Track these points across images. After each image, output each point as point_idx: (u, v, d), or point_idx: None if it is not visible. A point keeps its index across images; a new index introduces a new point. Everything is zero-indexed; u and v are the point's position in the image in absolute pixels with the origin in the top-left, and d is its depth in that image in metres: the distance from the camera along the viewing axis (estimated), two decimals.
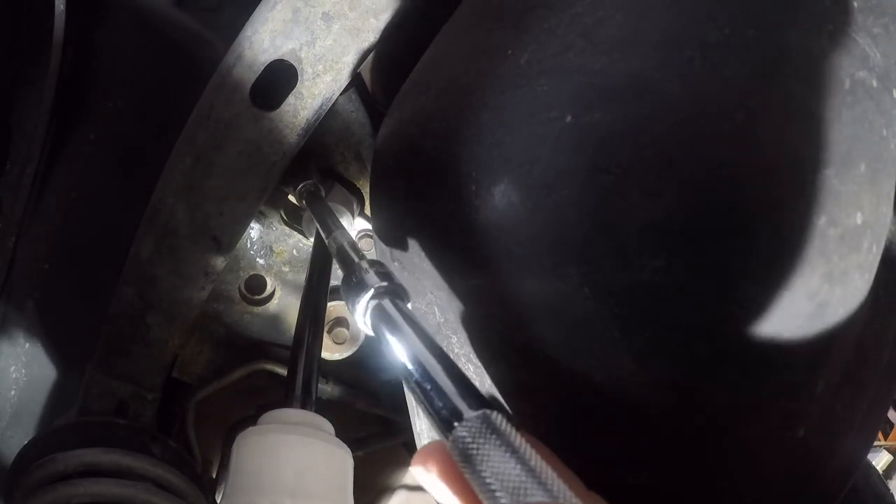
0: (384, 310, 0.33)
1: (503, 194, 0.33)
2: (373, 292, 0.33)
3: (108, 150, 0.56)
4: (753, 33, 0.30)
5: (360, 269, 0.35)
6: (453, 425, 0.24)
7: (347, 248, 0.40)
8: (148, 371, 0.55)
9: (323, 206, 0.51)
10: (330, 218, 0.47)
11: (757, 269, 0.29)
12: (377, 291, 0.33)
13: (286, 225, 0.63)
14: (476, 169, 0.35)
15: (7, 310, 0.60)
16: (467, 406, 0.25)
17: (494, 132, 0.34)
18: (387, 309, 0.33)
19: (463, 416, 0.24)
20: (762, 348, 0.30)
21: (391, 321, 0.32)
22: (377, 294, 0.33)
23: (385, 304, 0.33)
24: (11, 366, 0.61)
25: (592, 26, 0.32)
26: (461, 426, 0.24)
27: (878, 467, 2.26)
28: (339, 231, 0.44)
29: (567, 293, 0.32)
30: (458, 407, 0.25)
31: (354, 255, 0.39)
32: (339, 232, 0.43)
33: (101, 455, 0.49)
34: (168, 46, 0.53)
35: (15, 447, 0.56)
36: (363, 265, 0.36)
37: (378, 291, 0.33)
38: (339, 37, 0.46)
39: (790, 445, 0.33)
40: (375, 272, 0.35)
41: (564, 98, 0.32)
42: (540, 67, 0.34)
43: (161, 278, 0.52)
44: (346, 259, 0.39)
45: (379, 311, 0.33)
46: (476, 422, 0.24)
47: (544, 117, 0.32)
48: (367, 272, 0.35)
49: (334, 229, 0.44)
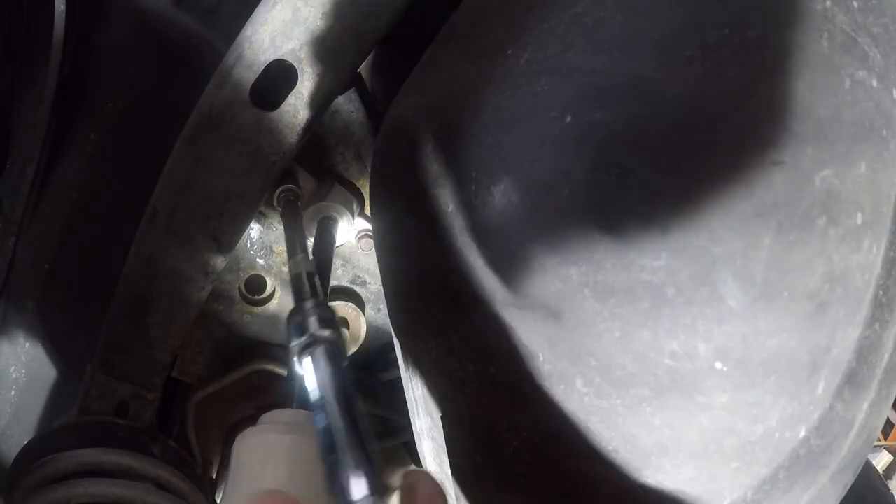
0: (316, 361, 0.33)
1: (503, 194, 0.33)
2: (310, 339, 0.33)
3: (108, 150, 0.56)
4: (753, 33, 0.30)
5: (306, 309, 0.35)
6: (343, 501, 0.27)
7: (304, 280, 0.40)
8: (148, 371, 0.55)
9: (296, 221, 0.50)
10: (298, 238, 0.47)
11: (757, 269, 0.29)
12: (316, 339, 0.33)
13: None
14: (476, 169, 0.35)
15: (7, 310, 0.60)
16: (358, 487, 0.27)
17: (494, 132, 0.34)
18: (319, 362, 0.32)
19: (353, 496, 0.27)
20: (762, 348, 0.30)
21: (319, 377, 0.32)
22: (314, 342, 0.33)
23: (318, 356, 0.33)
24: (11, 366, 0.61)
25: (592, 26, 0.32)
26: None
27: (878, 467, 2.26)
28: (301, 256, 0.43)
29: (567, 293, 0.32)
30: (350, 486, 0.27)
31: (308, 288, 0.38)
32: (302, 257, 0.43)
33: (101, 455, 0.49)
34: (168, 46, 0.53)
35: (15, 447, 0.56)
36: (309, 307, 0.35)
37: (317, 339, 0.33)
38: (339, 37, 0.46)
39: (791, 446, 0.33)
40: (320, 318, 0.35)
41: (564, 98, 0.32)
42: (540, 67, 0.34)
43: (161, 278, 0.52)
44: (298, 291, 0.39)
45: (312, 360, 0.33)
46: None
47: (544, 117, 0.32)
48: (311, 315, 0.35)
49: (298, 252, 0.43)
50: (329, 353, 0.33)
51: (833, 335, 0.31)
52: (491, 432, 0.38)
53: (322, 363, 0.32)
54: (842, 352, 0.32)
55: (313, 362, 0.33)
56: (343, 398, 0.30)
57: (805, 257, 0.29)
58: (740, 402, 0.31)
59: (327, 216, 0.58)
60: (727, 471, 0.33)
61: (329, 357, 0.33)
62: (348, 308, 0.67)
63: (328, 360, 0.32)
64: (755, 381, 0.31)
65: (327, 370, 0.32)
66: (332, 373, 0.32)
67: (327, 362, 0.32)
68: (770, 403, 0.31)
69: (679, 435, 0.32)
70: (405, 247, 0.41)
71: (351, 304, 0.67)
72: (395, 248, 0.43)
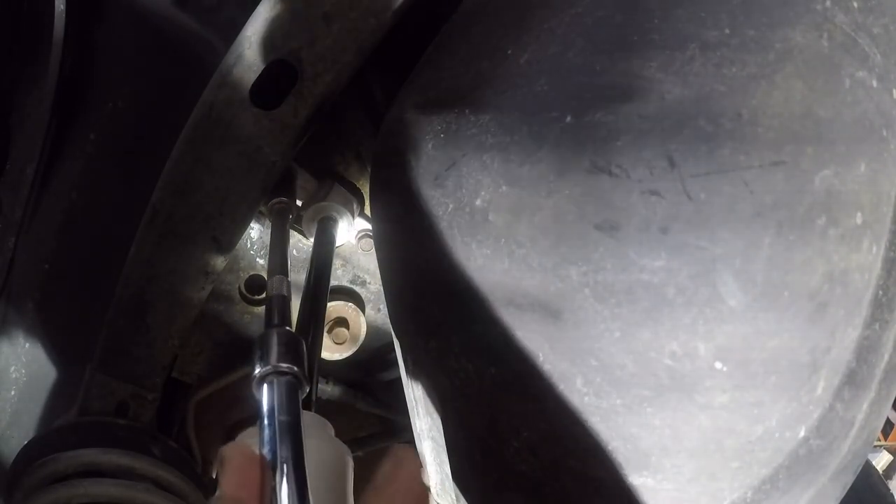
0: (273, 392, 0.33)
1: (503, 194, 0.33)
2: (269, 368, 0.34)
3: (108, 150, 0.56)
4: (753, 33, 0.30)
5: (272, 337, 0.35)
6: None
7: (274, 306, 0.39)
8: (148, 371, 0.55)
9: (283, 237, 0.50)
10: (281, 257, 0.46)
11: (757, 269, 0.29)
12: (275, 370, 0.33)
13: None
14: (476, 169, 0.35)
15: (7, 310, 0.60)
16: None
17: (494, 132, 0.34)
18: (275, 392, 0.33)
19: None
20: (762, 348, 0.30)
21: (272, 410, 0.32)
22: (275, 372, 0.33)
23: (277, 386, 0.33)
24: (11, 366, 0.61)
25: (592, 26, 0.33)
26: None
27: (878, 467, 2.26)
28: (279, 278, 0.42)
29: (567, 293, 0.32)
30: None
31: (278, 315, 0.38)
32: (279, 279, 0.42)
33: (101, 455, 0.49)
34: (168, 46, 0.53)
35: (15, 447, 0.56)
36: (276, 336, 0.35)
37: (276, 370, 0.33)
38: (339, 37, 0.46)
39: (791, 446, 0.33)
40: (284, 349, 0.35)
41: (564, 98, 0.32)
42: (540, 67, 0.34)
43: (161, 278, 0.52)
44: (269, 316, 0.38)
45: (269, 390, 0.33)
46: None
47: (544, 117, 0.32)
48: (275, 345, 0.35)
49: (278, 272, 0.43)
50: (287, 388, 0.33)
51: (833, 335, 0.31)
52: (491, 432, 0.38)
53: (277, 397, 0.33)
54: (842, 352, 0.32)
55: (269, 394, 0.33)
56: (291, 437, 0.31)
57: (805, 257, 0.29)
58: (740, 402, 0.31)
59: (327, 216, 0.58)
60: (727, 471, 0.33)
61: (286, 392, 0.33)
62: (348, 308, 0.67)
63: (285, 395, 0.33)
64: (755, 381, 0.31)
65: (284, 407, 0.32)
66: (287, 408, 0.32)
67: (283, 397, 0.33)
68: (770, 403, 0.31)
69: (679, 435, 0.32)
70: (405, 247, 0.41)
71: (351, 304, 0.67)
72: (395, 248, 0.43)
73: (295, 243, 0.64)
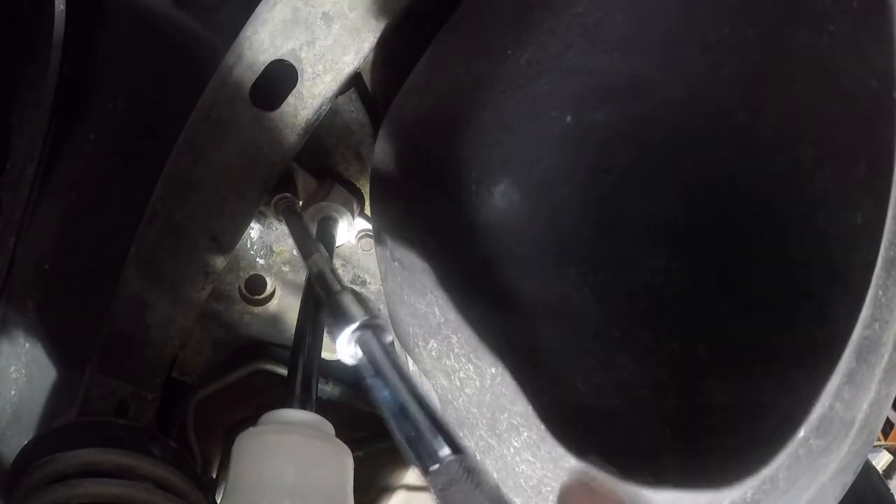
0: (368, 345, 0.34)
1: (503, 194, 0.33)
2: (358, 325, 0.34)
3: (108, 150, 0.56)
4: (753, 33, 0.30)
5: (343, 298, 0.36)
6: (430, 466, 0.27)
7: (328, 274, 0.40)
8: (148, 371, 0.55)
9: (299, 225, 0.50)
10: (307, 238, 0.47)
11: (756, 269, 0.29)
12: (362, 324, 0.34)
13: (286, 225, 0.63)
14: (476, 169, 0.35)
15: (7, 310, 0.60)
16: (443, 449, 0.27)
17: (494, 132, 0.34)
18: (371, 345, 0.33)
19: (440, 457, 0.27)
20: (762, 348, 0.30)
21: (375, 358, 0.33)
22: (362, 327, 0.34)
23: (369, 340, 0.34)
24: (11, 366, 0.61)
25: (593, 26, 0.32)
26: (439, 467, 0.27)
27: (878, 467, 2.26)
28: (318, 254, 0.43)
29: (567, 293, 0.32)
30: (436, 449, 0.27)
31: (336, 282, 0.39)
32: (319, 255, 0.43)
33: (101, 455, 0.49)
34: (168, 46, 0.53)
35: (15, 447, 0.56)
36: (346, 296, 0.36)
37: (363, 324, 0.34)
38: (339, 37, 0.46)
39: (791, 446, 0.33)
40: (359, 303, 0.35)
41: (564, 98, 0.32)
42: (540, 67, 0.34)
43: (161, 278, 0.52)
44: (326, 286, 0.39)
45: (363, 345, 0.34)
46: (453, 464, 0.26)
47: (544, 117, 0.32)
48: (352, 303, 0.36)
49: (314, 251, 0.44)
50: (380, 337, 0.34)
51: (833, 335, 0.31)
52: (491, 432, 0.38)
53: (375, 346, 0.33)
54: (842, 352, 0.32)
55: (367, 346, 0.34)
56: (403, 375, 0.31)
57: (805, 257, 0.29)
58: (740, 401, 0.31)
59: (327, 216, 0.58)
60: (727, 471, 0.33)
61: (380, 340, 0.34)
62: None
63: (380, 344, 0.34)
64: (755, 380, 0.31)
65: (382, 352, 0.33)
66: (388, 354, 0.33)
67: (380, 346, 0.33)
68: (770, 403, 0.31)
69: (679, 435, 0.32)
70: (405, 247, 0.41)
71: None
72: (394, 248, 0.43)
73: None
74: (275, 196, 0.53)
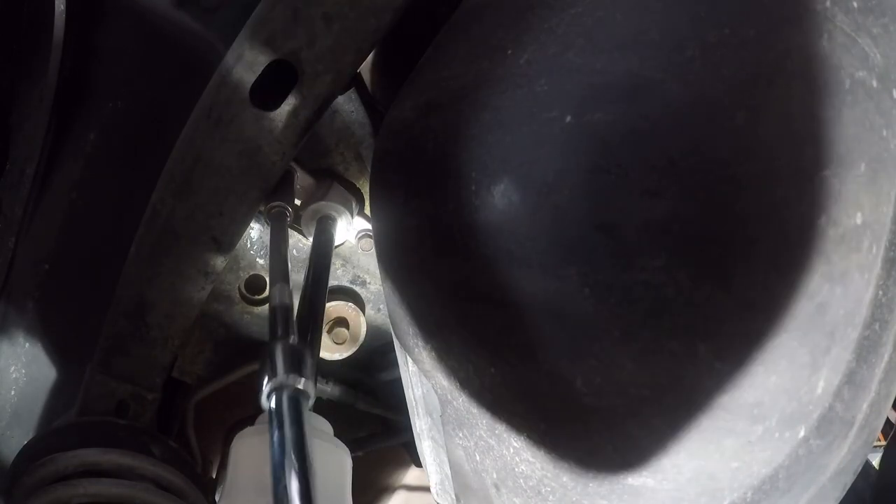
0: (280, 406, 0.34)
1: (503, 194, 0.33)
2: (277, 383, 0.34)
3: (108, 150, 0.56)
4: (753, 33, 0.30)
5: (278, 349, 0.36)
6: None
7: (278, 316, 0.40)
8: (148, 371, 0.55)
9: (282, 242, 0.50)
10: (281, 264, 0.46)
11: (756, 269, 0.29)
12: (281, 384, 0.34)
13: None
14: (476, 169, 0.35)
15: (7, 310, 0.60)
16: None
17: (494, 132, 0.34)
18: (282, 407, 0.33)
19: None
20: (762, 348, 0.30)
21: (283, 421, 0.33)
22: (281, 387, 0.34)
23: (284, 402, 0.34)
24: (11, 366, 0.61)
25: (592, 26, 0.33)
26: None
27: None
28: (281, 286, 0.43)
29: (567, 293, 0.32)
30: None
31: (283, 325, 0.39)
32: (281, 287, 0.42)
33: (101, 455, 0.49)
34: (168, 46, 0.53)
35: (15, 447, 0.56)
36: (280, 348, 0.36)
37: (282, 384, 0.34)
38: (339, 37, 0.46)
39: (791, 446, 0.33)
40: (290, 359, 0.35)
41: (564, 98, 0.32)
42: (540, 67, 0.34)
43: (161, 278, 0.52)
44: (273, 327, 0.39)
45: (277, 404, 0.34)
46: None
47: (544, 117, 0.32)
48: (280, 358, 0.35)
49: (279, 280, 0.43)
50: (292, 402, 0.34)
51: (833, 335, 0.31)
52: (491, 432, 0.38)
53: (285, 411, 0.33)
54: (842, 352, 0.32)
55: (280, 407, 0.34)
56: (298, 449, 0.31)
57: (805, 257, 0.29)
58: (740, 401, 0.31)
59: (326, 215, 0.58)
60: (727, 471, 0.33)
61: (291, 405, 0.34)
62: (348, 308, 0.67)
63: (290, 409, 0.33)
64: (755, 381, 0.31)
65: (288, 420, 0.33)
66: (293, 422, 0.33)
67: (289, 411, 0.33)
68: (770, 403, 0.31)
69: (679, 435, 0.32)
70: (405, 247, 0.41)
71: (351, 304, 0.67)
72: (395, 248, 0.43)
73: (295, 243, 0.64)
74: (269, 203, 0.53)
